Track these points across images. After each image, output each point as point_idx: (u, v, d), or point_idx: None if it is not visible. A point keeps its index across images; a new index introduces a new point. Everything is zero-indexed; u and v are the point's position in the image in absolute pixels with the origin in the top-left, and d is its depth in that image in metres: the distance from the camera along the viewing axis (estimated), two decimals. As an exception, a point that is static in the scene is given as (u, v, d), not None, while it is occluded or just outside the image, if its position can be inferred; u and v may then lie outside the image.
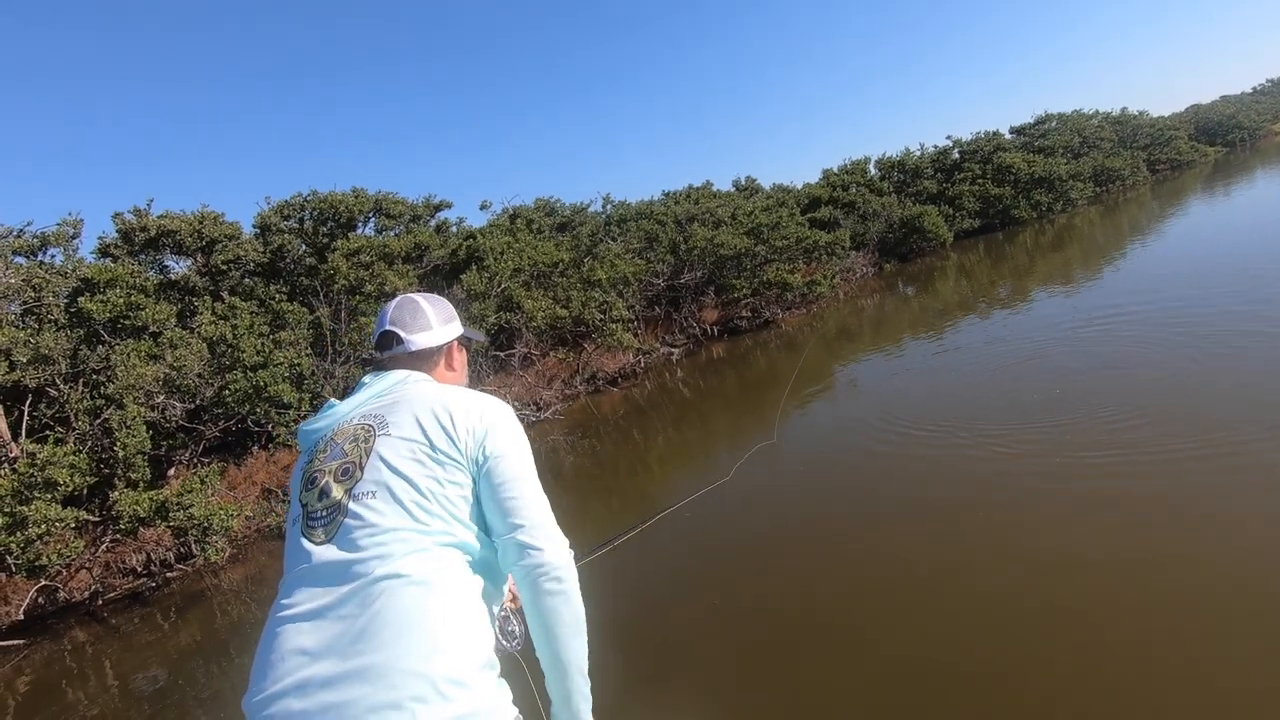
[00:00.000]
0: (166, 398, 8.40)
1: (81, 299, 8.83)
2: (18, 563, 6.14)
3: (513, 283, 11.51)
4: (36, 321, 8.93)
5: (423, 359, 1.54)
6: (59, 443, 7.55)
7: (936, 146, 25.97)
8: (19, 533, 6.03)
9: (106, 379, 8.08)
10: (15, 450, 7.65)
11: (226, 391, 8.51)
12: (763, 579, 4.36)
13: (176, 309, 9.97)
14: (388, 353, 1.53)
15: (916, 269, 18.66)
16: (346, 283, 10.76)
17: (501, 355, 11.48)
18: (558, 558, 1.26)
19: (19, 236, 9.60)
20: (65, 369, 8.28)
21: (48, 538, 6.07)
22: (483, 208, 16.21)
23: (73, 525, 6.40)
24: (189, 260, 12.00)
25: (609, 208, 20.69)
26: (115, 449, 7.09)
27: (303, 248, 12.85)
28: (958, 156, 25.48)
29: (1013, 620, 3.30)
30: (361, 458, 1.29)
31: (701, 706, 3.29)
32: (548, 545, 1.26)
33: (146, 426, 7.75)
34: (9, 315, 8.87)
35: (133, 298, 8.96)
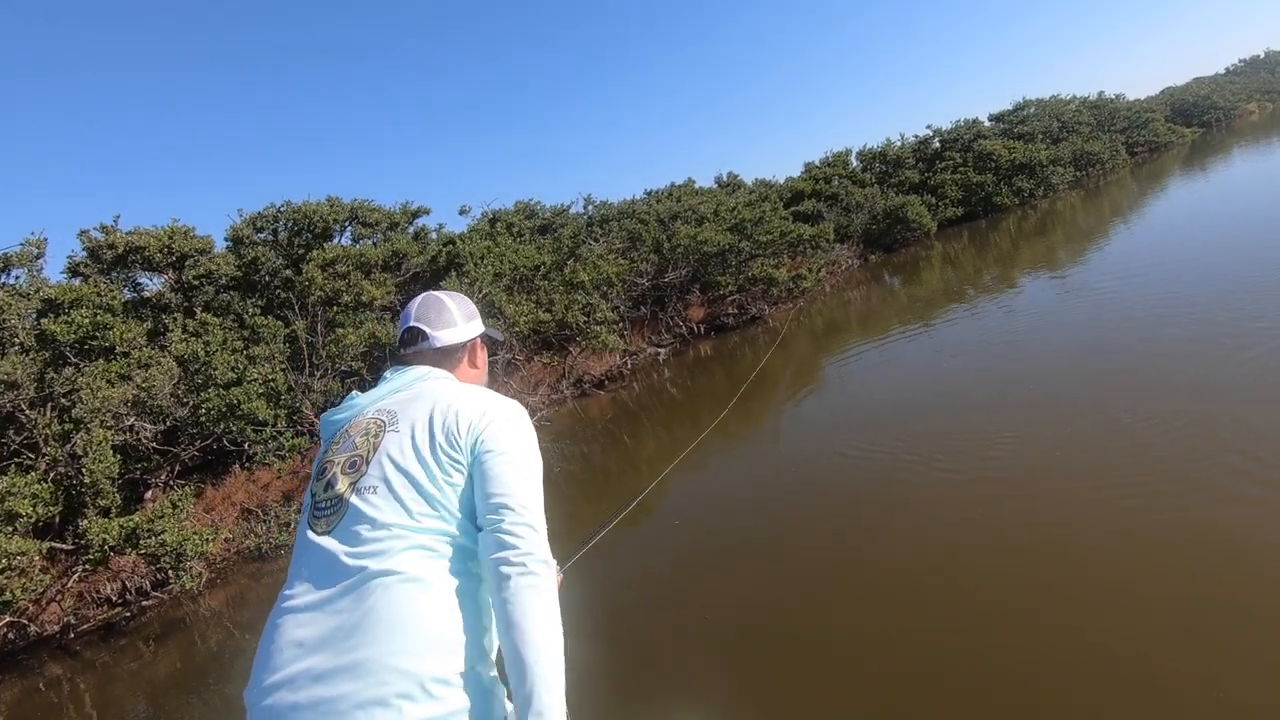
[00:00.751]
0: (137, 419, 8.14)
1: (44, 320, 8.54)
2: (-19, 599, 5.88)
3: (494, 288, 11.30)
4: (0, 346, 8.63)
5: (446, 355, 1.55)
6: (29, 470, 7.28)
7: (917, 136, 25.98)
8: (-20, 568, 5.77)
9: (73, 402, 7.81)
10: (-21, 481, 7.35)
11: (200, 411, 8.26)
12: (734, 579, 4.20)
13: (147, 327, 9.69)
14: (411, 349, 1.54)
15: (902, 259, 18.60)
16: (322, 294, 10.51)
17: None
18: (536, 550, 1.19)
19: (-21, 259, 9.29)
20: (32, 393, 8.00)
21: (9, 572, 5.80)
22: (462, 212, 15.99)
23: (37, 557, 6.14)
24: (162, 277, 11.71)
25: (591, 208, 20.48)
26: (82, 475, 6.83)
27: (278, 260, 12.56)
28: (938, 145, 25.47)
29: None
30: (369, 452, 1.30)
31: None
32: (527, 537, 1.19)
33: (116, 450, 7.49)
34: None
35: (99, 317, 8.68)
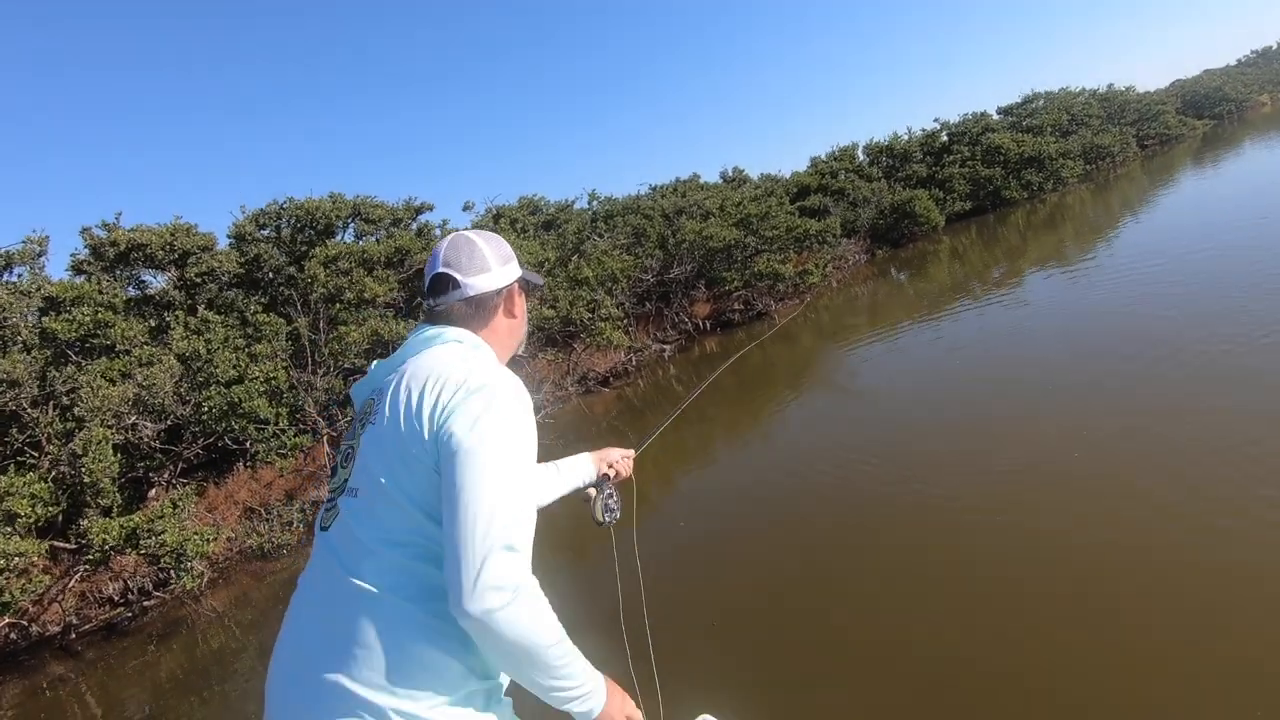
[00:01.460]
0: (139, 418, 8.08)
1: (46, 318, 8.50)
2: (-19, 599, 5.83)
3: (498, 284, 11.19)
4: (1, 344, 8.59)
5: (480, 306, 1.36)
6: (31, 469, 7.24)
7: (924, 130, 25.69)
8: (-20, 568, 5.72)
9: (74, 401, 7.76)
10: (-21, 480, 7.32)
11: (202, 409, 8.20)
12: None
13: (150, 325, 9.63)
14: (441, 299, 1.35)
15: (909, 254, 18.42)
16: (325, 291, 10.44)
17: (489, 359, 11.17)
18: (497, 589, 1.01)
19: (-19, 257, 9.25)
20: (34, 391, 7.95)
21: (9, 573, 5.75)
22: (465, 209, 15.88)
23: (37, 558, 6.09)
24: (164, 274, 11.66)
25: (595, 204, 20.36)
26: (82, 474, 6.78)
27: (280, 257, 12.50)
28: (946, 139, 25.21)
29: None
30: (355, 445, 1.22)
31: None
32: (469, 603, 1.00)
33: (117, 449, 7.43)
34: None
35: (100, 315, 8.62)
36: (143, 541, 6.22)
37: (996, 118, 26.88)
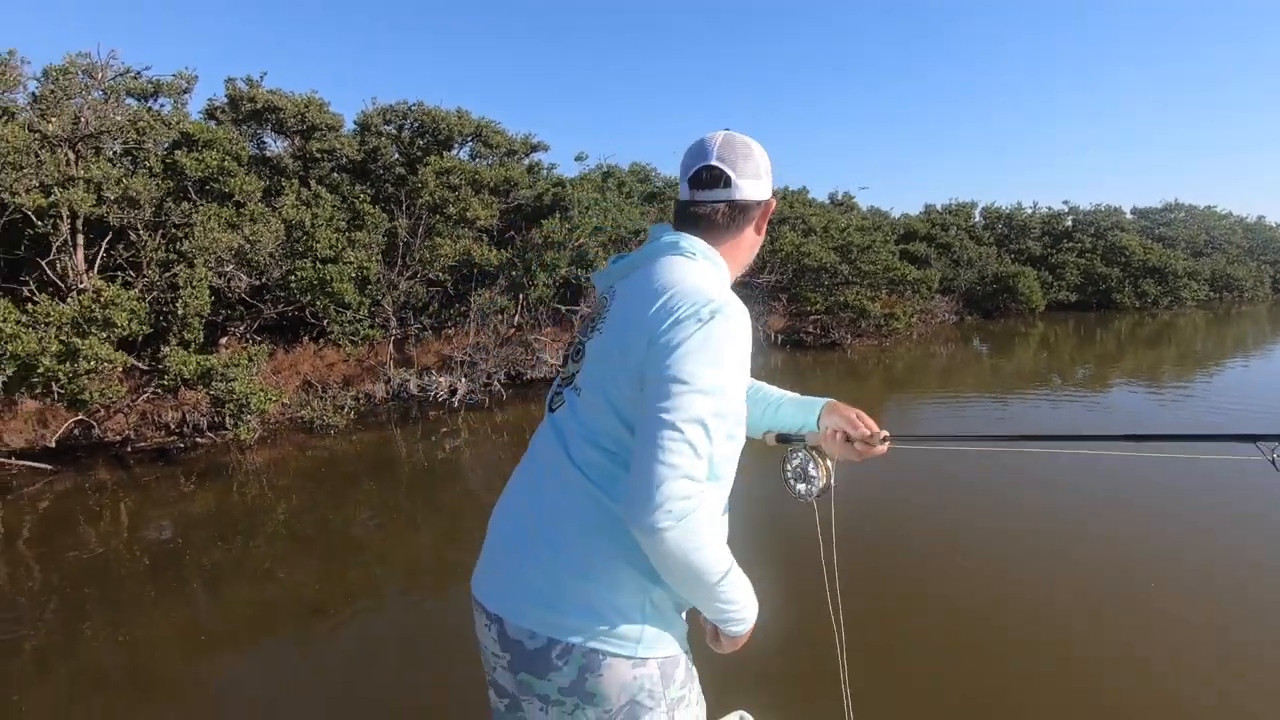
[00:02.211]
0: (235, 268, 8.44)
1: (178, 152, 8.90)
2: (62, 392, 6.21)
3: (591, 240, 11.26)
4: (132, 164, 9.05)
5: (742, 213, 1.29)
6: (127, 285, 7.65)
7: (1050, 208, 24.66)
8: (69, 363, 6.08)
9: (183, 236, 8.14)
10: (85, 283, 7.78)
11: (293, 277, 8.51)
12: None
13: (264, 185, 10.02)
14: (705, 194, 1.26)
15: (998, 328, 17.79)
16: (431, 200, 10.66)
17: (563, 310, 11.30)
18: (648, 531, 1.02)
19: (135, 78, 9.70)
20: (149, 216, 8.38)
21: (94, 374, 6.11)
22: (578, 159, 15.92)
23: (120, 368, 6.45)
24: (286, 141, 12.08)
25: (700, 189, 20.18)
26: (176, 306, 7.13)
27: (396, 155, 12.81)
28: (1070, 224, 24.16)
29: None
30: (584, 346, 1.25)
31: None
32: (639, 518, 1.02)
33: (210, 291, 7.78)
34: (109, 152, 9.01)
35: (225, 163, 8.99)
36: (214, 383, 6.53)
37: (1130, 217, 25.59)
